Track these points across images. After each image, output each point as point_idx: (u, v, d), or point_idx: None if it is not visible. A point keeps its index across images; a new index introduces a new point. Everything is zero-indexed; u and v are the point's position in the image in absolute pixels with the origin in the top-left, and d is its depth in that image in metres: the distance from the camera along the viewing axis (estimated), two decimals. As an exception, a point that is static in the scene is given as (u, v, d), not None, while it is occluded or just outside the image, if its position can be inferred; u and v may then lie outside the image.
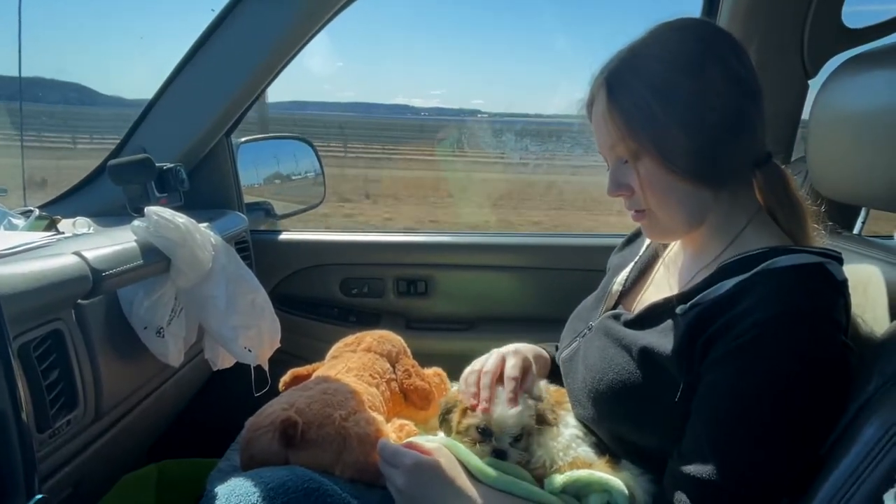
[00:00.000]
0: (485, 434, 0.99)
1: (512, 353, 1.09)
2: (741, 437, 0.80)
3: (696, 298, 0.90)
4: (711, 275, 0.91)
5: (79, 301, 1.00)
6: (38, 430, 0.89)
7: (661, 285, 1.07)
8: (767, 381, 0.79)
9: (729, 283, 0.87)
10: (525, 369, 1.08)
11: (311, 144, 2.17)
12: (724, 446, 0.81)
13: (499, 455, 0.98)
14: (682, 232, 0.98)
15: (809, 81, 1.56)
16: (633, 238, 1.26)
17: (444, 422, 1.05)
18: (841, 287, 0.85)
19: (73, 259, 0.95)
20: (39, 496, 0.57)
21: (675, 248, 1.10)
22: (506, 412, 0.98)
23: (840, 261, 0.88)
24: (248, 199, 1.94)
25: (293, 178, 2.27)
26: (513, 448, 0.99)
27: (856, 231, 1.35)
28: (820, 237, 0.97)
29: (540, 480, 0.98)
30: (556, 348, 1.30)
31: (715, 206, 0.94)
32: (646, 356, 0.92)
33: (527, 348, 1.19)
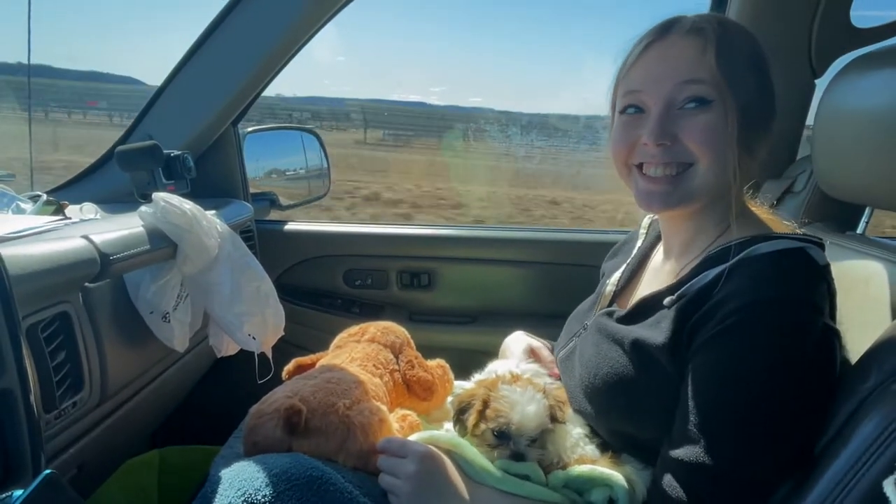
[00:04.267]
0: (501, 437, 0.99)
1: (530, 349, 1.26)
2: (726, 420, 0.82)
3: (682, 289, 0.92)
4: (696, 265, 0.94)
5: (86, 284, 1.00)
6: (44, 410, 0.90)
7: (652, 283, 1.08)
8: (748, 364, 0.81)
9: (712, 273, 0.89)
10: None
11: (317, 136, 2.17)
12: (710, 429, 0.82)
13: (518, 458, 0.98)
14: (700, 200, 0.96)
15: (816, 81, 1.56)
16: (624, 244, 1.28)
17: (459, 422, 1.04)
18: (822, 271, 0.87)
19: (82, 242, 0.95)
20: (48, 471, 0.58)
21: (662, 249, 1.12)
22: (527, 414, 0.98)
23: (822, 246, 0.90)
24: (253, 189, 1.94)
25: (288, 172, 2.26)
26: (530, 449, 0.99)
27: (859, 230, 1.35)
28: (791, 225, 0.99)
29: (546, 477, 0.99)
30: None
31: (728, 190, 0.95)
32: (638, 348, 0.94)
33: (534, 341, 1.29)
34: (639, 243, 1.21)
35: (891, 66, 1.05)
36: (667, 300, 0.93)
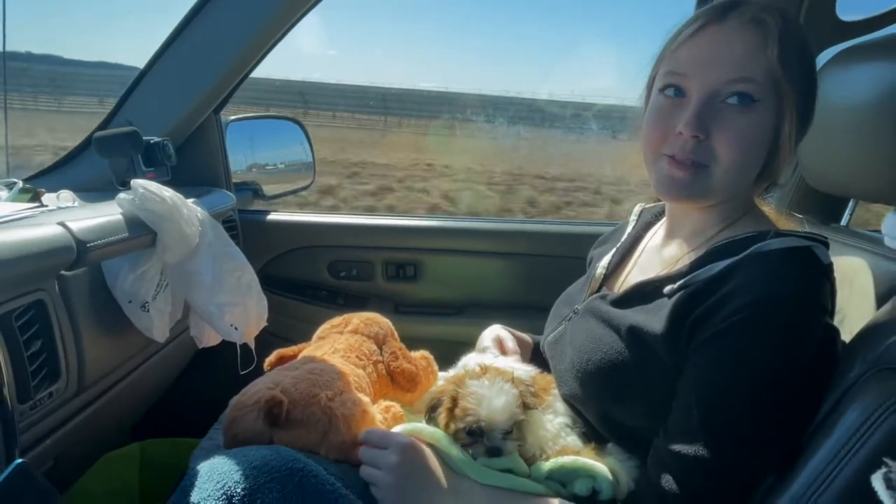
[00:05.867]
0: (474, 434, 0.98)
1: (497, 339, 1.24)
2: (728, 416, 0.82)
3: (685, 279, 0.91)
4: (701, 256, 0.93)
5: (63, 272, 0.98)
6: (18, 400, 0.88)
7: (647, 267, 1.08)
8: (754, 361, 0.81)
9: (719, 266, 0.88)
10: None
11: (301, 125, 2.15)
12: (711, 425, 0.82)
13: (494, 453, 0.97)
14: (716, 197, 0.96)
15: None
16: (613, 233, 1.28)
17: (431, 420, 1.03)
18: (827, 270, 0.87)
19: (58, 229, 0.93)
20: (19, 461, 0.56)
21: (659, 233, 1.12)
22: (495, 408, 0.96)
23: (826, 245, 0.90)
24: (236, 178, 1.92)
25: (268, 166, 2.22)
26: (505, 441, 0.98)
27: (843, 223, 1.36)
28: (798, 223, 1.00)
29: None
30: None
31: (747, 188, 0.96)
32: (634, 335, 0.93)
33: (504, 332, 1.30)
34: (629, 229, 1.21)
35: (875, 58, 1.06)
36: (667, 289, 0.92)
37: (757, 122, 0.89)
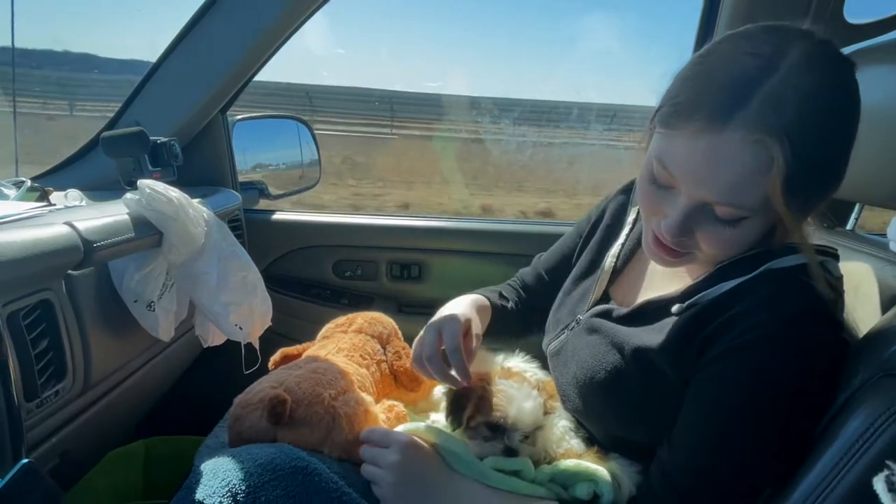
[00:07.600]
0: (495, 431, 0.98)
1: (447, 322, 1.09)
2: (737, 431, 0.81)
3: (693, 298, 0.89)
4: (710, 275, 0.91)
5: (69, 272, 0.99)
6: (25, 398, 0.89)
7: (656, 280, 1.05)
8: (767, 378, 0.80)
9: (729, 284, 0.87)
10: (465, 331, 1.09)
11: (307, 124, 2.15)
12: (718, 439, 0.82)
13: (510, 454, 0.98)
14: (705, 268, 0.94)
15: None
16: (614, 215, 1.20)
17: (454, 416, 1.02)
18: (837, 284, 0.86)
19: (65, 229, 0.94)
20: (25, 460, 0.57)
21: None
22: (524, 410, 0.97)
23: (837, 258, 0.89)
24: (242, 178, 1.93)
25: (270, 166, 2.23)
26: (522, 445, 0.99)
27: (849, 227, 1.36)
28: (814, 233, 0.97)
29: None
30: (499, 294, 1.32)
31: None
32: (639, 355, 0.91)
33: (465, 304, 1.21)
34: (630, 218, 1.15)
35: (884, 61, 1.06)
36: (675, 307, 0.90)
37: (745, 232, 0.83)
